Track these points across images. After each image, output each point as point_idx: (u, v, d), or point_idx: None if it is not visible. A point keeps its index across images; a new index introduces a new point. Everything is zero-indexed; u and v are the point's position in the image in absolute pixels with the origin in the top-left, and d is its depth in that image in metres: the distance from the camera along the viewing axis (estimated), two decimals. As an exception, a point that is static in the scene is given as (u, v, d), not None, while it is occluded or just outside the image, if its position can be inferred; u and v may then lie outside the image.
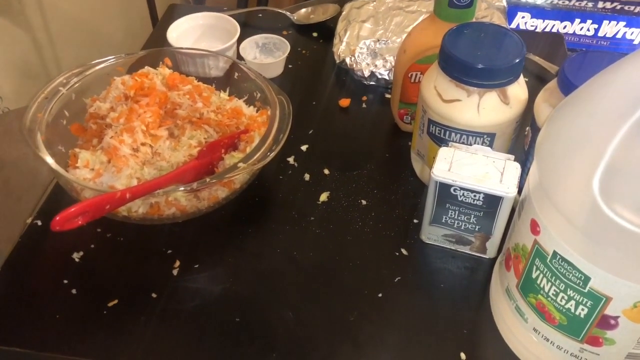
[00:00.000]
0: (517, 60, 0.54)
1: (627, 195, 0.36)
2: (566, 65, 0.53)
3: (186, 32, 0.81)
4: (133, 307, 0.54)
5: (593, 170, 0.37)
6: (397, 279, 0.57)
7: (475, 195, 0.52)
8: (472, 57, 0.53)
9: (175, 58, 0.70)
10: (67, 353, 0.51)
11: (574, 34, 0.88)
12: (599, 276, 0.40)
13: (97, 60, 0.67)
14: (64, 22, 1.23)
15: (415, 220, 0.61)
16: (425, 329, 0.53)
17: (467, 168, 0.52)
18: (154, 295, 0.55)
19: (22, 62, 1.14)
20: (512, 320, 0.50)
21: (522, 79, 0.57)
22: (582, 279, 0.41)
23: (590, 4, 0.89)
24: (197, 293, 0.56)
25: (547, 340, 0.47)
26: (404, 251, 0.59)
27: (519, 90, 0.56)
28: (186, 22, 0.81)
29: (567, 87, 0.51)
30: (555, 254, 0.42)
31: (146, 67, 0.67)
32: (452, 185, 0.52)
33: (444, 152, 0.54)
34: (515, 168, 0.53)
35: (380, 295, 0.55)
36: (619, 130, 0.36)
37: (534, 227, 0.43)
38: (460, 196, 0.53)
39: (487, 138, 0.56)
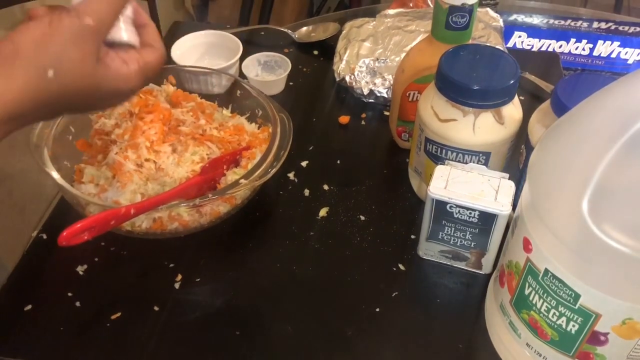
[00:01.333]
0: (512, 82, 0.55)
1: (616, 215, 0.37)
2: (559, 87, 0.54)
3: (189, 50, 0.83)
4: (136, 319, 0.56)
5: (583, 191, 0.38)
6: (394, 294, 0.58)
7: (470, 213, 0.54)
8: (467, 78, 0.55)
9: (178, 76, 0.72)
10: (71, 365, 0.52)
11: (569, 53, 0.90)
12: (589, 294, 0.41)
13: (102, 78, 0.68)
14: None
15: (412, 236, 0.63)
16: (422, 344, 0.54)
17: (462, 186, 0.54)
18: (156, 308, 0.56)
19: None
20: (506, 335, 0.51)
21: (516, 99, 0.58)
22: (573, 296, 0.42)
23: (585, 24, 0.91)
24: (198, 306, 0.57)
25: (540, 355, 0.48)
26: (401, 266, 0.60)
27: (513, 110, 0.58)
28: (189, 40, 0.83)
29: (560, 108, 0.53)
30: (546, 271, 0.43)
31: (150, 84, 0.69)
32: (448, 203, 0.54)
33: (440, 170, 0.55)
34: (509, 186, 0.54)
35: (377, 310, 0.56)
36: (608, 152, 0.37)
37: (526, 245, 0.44)
38: (456, 213, 0.54)
39: (483, 157, 0.58)
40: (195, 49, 0.84)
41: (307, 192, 0.68)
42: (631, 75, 0.39)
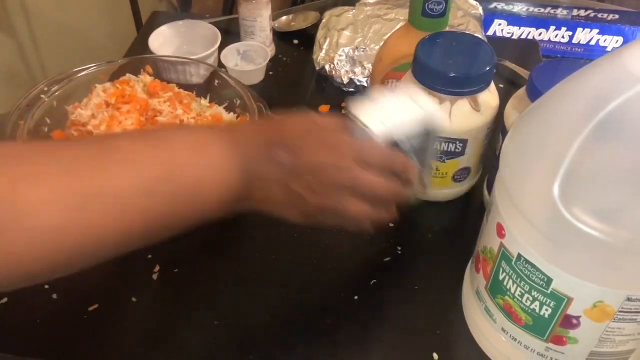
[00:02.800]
0: (487, 69, 0.55)
1: (586, 199, 0.38)
2: (534, 74, 0.54)
3: (168, 39, 0.82)
4: (113, 311, 0.55)
5: (553, 175, 0.38)
6: (372, 282, 0.58)
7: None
8: (443, 65, 0.55)
9: (156, 65, 0.71)
10: (48, 357, 0.52)
11: (549, 40, 0.91)
12: (561, 277, 0.41)
13: (78, 68, 0.67)
14: (49, 28, 1.23)
15: (390, 224, 0.63)
16: (400, 330, 0.54)
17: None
18: (134, 299, 0.56)
19: (6, 68, 1.15)
20: (482, 320, 0.51)
21: (492, 87, 0.59)
22: (545, 280, 0.42)
23: (564, 12, 0.91)
24: (176, 297, 0.57)
25: (515, 340, 0.48)
26: (380, 255, 0.60)
27: (489, 97, 0.58)
28: (168, 29, 0.82)
29: (535, 94, 0.53)
30: (519, 256, 0.43)
31: (127, 74, 0.68)
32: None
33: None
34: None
35: (356, 297, 0.56)
36: (577, 136, 0.38)
37: (500, 231, 0.45)
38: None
39: (460, 144, 0.58)
40: (174, 39, 0.83)
41: (286, 181, 0.68)
42: (600, 60, 0.39)
